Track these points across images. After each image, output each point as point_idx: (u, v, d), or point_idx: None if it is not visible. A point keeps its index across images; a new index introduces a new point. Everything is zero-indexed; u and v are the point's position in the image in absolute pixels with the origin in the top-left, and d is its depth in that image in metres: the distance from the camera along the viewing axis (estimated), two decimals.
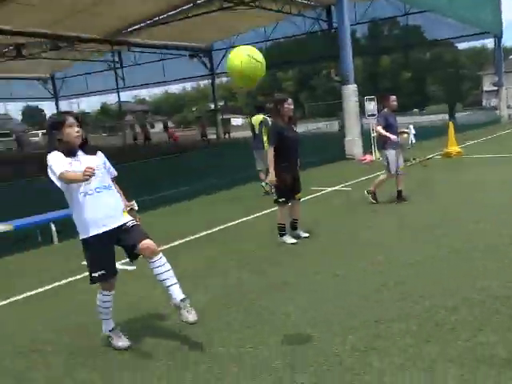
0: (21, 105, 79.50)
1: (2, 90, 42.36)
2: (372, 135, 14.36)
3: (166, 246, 6.27)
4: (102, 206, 3.44)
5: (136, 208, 3.71)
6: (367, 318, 3.92)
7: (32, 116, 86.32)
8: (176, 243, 6.78)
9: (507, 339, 3.37)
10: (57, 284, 5.52)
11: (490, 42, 42.04)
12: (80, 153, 3.49)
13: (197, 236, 7.12)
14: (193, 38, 31.74)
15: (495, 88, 31.47)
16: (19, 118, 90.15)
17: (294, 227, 6.61)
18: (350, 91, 15.55)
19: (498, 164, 11.84)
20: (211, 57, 35.51)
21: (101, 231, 3.42)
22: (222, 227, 7.56)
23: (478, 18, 25.81)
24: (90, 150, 3.56)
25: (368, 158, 14.95)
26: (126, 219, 3.52)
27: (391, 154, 8.01)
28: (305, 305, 4.32)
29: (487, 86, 50.87)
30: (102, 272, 3.47)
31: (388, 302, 4.21)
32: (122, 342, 3.72)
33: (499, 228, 6.12)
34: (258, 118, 10.15)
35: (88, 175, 3.11)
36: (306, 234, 6.58)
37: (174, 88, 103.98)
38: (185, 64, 35.75)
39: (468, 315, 3.80)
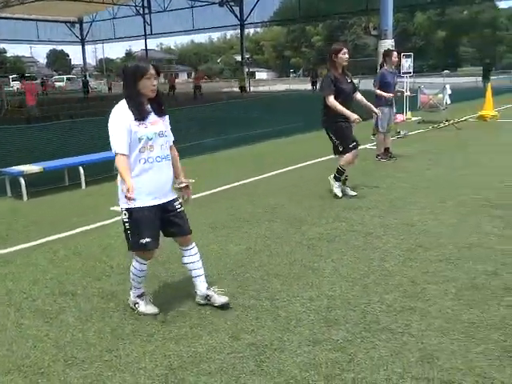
0: (46, 48, 79.32)
1: (28, 32, 42.22)
2: (405, 94, 13.86)
3: None
4: (157, 178, 3.24)
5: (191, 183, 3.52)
6: (402, 278, 3.86)
7: (56, 60, 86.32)
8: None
9: None
10: (87, 228, 5.52)
11: None
12: (150, 114, 3.23)
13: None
14: None
15: None
16: (44, 61, 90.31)
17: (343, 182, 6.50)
18: (387, 46, 14.91)
19: None
20: (242, 6, 34.49)
21: (150, 204, 3.23)
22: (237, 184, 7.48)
23: None
24: (160, 109, 3.29)
25: (399, 117, 14.51)
26: (174, 196, 3.37)
27: (383, 111, 8.18)
28: (339, 262, 4.26)
29: None
30: (147, 240, 3.24)
31: (425, 262, 4.13)
32: (150, 308, 3.53)
33: None
34: None
35: (129, 198, 2.95)
36: (354, 193, 6.45)
37: (201, 38, 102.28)
38: (213, 13, 35.00)
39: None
